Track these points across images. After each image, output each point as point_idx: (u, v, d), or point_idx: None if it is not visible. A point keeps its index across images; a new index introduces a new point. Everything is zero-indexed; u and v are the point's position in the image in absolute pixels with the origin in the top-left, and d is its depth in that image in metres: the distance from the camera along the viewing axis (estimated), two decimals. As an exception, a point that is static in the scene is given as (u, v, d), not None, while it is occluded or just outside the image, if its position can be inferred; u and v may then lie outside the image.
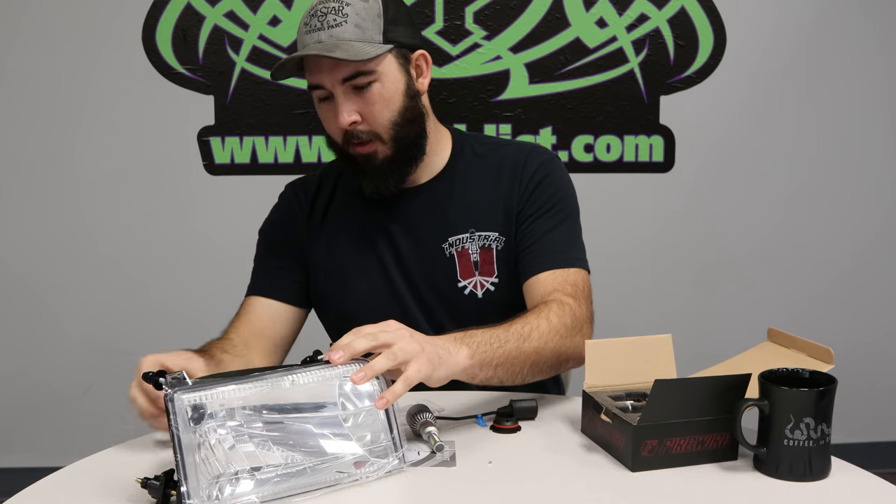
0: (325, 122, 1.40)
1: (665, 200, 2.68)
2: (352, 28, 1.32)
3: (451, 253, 1.44)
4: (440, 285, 1.45)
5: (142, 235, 2.62)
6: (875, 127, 2.70)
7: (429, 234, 1.45)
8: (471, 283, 1.44)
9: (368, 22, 1.33)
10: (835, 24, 2.63)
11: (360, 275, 1.47)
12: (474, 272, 1.44)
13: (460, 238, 1.44)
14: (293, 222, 1.51)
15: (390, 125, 1.36)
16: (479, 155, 1.49)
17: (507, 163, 1.47)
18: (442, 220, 1.45)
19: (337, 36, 1.32)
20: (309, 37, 1.34)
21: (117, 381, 2.64)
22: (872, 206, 2.74)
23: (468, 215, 1.45)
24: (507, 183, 1.45)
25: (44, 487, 1.07)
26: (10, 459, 2.69)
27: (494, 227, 1.44)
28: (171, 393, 0.97)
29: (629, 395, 1.20)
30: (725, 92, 2.63)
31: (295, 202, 1.53)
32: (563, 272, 1.40)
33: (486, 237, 1.44)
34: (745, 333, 1.60)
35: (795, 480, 1.06)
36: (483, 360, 1.17)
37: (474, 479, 1.08)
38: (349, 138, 1.36)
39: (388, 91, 1.36)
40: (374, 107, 1.35)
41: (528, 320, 1.26)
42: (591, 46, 2.58)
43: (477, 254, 1.44)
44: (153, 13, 2.50)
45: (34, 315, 2.65)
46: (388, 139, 1.37)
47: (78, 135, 2.56)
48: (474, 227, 1.44)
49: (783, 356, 1.25)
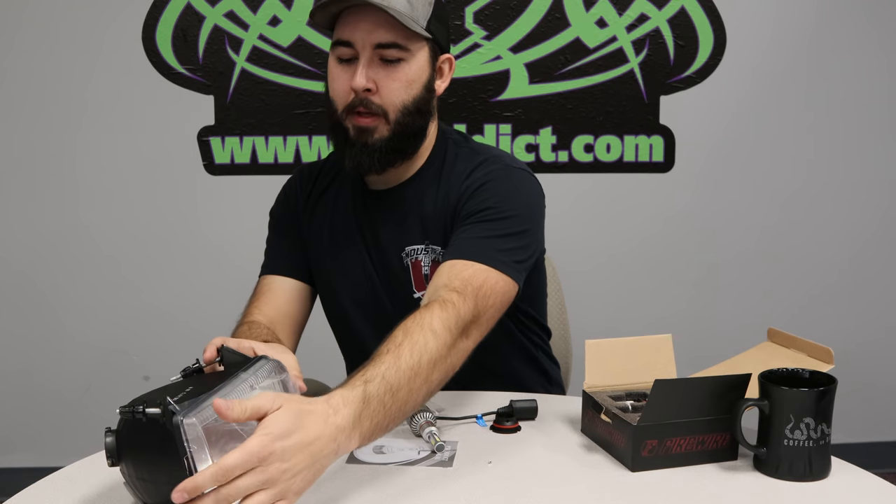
0: (336, 81, 1.33)
1: (665, 200, 2.68)
2: (403, 1, 1.28)
3: (406, 263, 1.42)
4: (399, 293, 1.43)
5: (142, 235, 2.62)
6: (874, 127, 2.70)
7: (390, 242, 1.42)
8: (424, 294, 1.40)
9: (420, 4, 1.30)
10: (835, 24, 2.63)
11: (341, 271, 1.46)
12: (425, 285, 1.41)
13: (415, 249, 1.41)
14: (296, 203, 1.51)
15: (401, 107, 1.33)
16: (447, 162, 1.43)
17: (456, 173, 1.40)
18: (402, 228, 1.42)
19: (388, 1, 1.27)
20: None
21: (117, 381, 2.67)
22: (872, 206, 2.74)
23: (424, 226, 1.41)
24: (453, 193, 1.39)
25: (44, 487, 1.07)
26: (10, 459, 2.69)
27: (442, 240, 1.40)
28: (181, 420, 0.88)
29: (629, 395, 1.20)
30: (725, 92, 2.63)
31: (300, 183, 1.53)
32: (462, 265, 1.25)
33: (435, 251, 1.40)
34: (745, 333, 1.60)
35: (795, 480, 1.06)
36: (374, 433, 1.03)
37: (474, 479, 1.08)
38: (355, 105, 1.31)
39: (412, 74, 1.32)
40: (394, 83, 1.31)
41: (413, 341, 1.10)
42: (591, 46, 2.58)
43: (428, 266, 1.41)
44: (153, 13, 2.50)
45: (34, 315, 2.65)
46: (393, 121, 1.33)
47: (78, 135, 2.56)
48: (429, 238, 1.41)
49: (783, 356, 1.25)
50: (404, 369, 1.06)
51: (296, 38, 2.53)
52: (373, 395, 1.01)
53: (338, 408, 0.97)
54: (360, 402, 1.00)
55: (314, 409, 0.95)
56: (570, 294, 1.81)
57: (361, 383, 1.02)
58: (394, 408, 1.04)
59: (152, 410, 0.91)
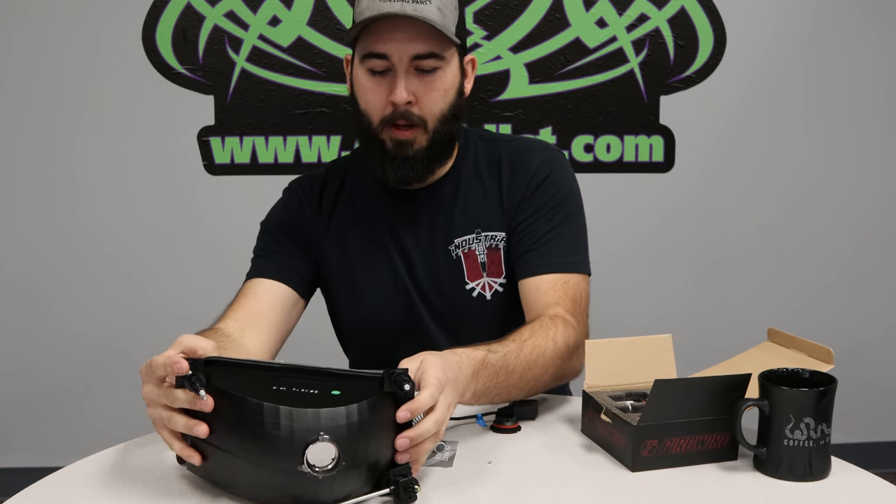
0: (370, 93, 1.32)
1: (665, 200, 2.68)
2: (435, 10, 1.27)
3: (457, 255, 1.42)
4: (448, 288, 1.42)
5: (142, 235, 2.62)
6: (874, 126, 2.70)
7: (434, 236, 1.42)
8: (479, 285, 1.42)
9: (449, 10, 1.30)
10: (835, 24, 2.63)
11: (370, 275, 1.45)
12: (482, 273, 1.42)
13: (466, 239, 1.42)
14: (299, 217, 1.47)
15: (440, 115, 1.33)
16: (481, 153, 1.46)
17: (506, 159, 1.44)
18: (447, 221, 1.42)
19: (423, 12, 1.26)
20: (389, 4, 1.25)
21: (117, 381, 2.67)
22: (872, 205, 2.75)
23: (473, 216, 1.42)
24: (507, 180, 1.42)
25: (44, 487, 1.07)
26: (10, 459, 2.69)
27: (499, 226, 1.42)
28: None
29: (629, 395, 1.20)
30: (725, 92, 2.63)
31: (302, 197, 1.49)
32: (563, 279, 1.36)
33: (492, 237, 1.42)
34: (745, 333, 1.60)
35: (795, 480, 1.06)
36: (483, 395, 1.18)
37: (474, 479, 1.08)
38: (395, 118, 1.31)
39: (448, 82, 1.32)
40: (433, 93, 1.31)
41: (536, 343, 1.23)
42: (591, 46, 2.58)
43: (484, 254, 1.42)
44: (153, 13, 2.50)
45: (34, 314, 2.65)
46: (432, 129, 1.33)
47: (78, 135, 2.56)
48: (480, 227, 1.42)
49: (783, 356, 1.25)
50: (523, 359, 1.21)
51: (296, 38, 2.53)
52: (491, 363, 1.16)
53: (462, 359, 1.12)
54: (479, 362, 1.14)
55: (446, 355, 1.10)
56: (570, 294, 1.81)
57: (485, 350, 1.16)
58: (505, 383, 1.18)
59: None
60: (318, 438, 0.94)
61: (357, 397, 0.97)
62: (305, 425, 0.94)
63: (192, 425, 0.98)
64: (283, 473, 0.94)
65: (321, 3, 2.52)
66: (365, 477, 0.98)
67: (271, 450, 0.94)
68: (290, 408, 0.94)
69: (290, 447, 0.93)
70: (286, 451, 0.93)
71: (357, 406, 0.96)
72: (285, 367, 1.01)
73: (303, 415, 0.94)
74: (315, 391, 0.99)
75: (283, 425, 0.93)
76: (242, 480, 0.98)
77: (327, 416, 0.95)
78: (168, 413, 1.00)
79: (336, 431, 0.94)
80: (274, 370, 1.01)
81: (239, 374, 1.00)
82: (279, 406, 0.94)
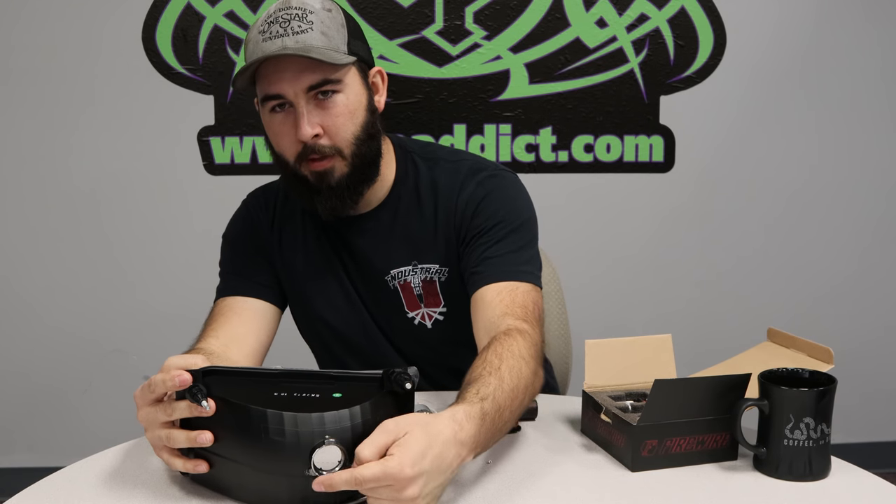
0: (279, 135, 1.29)
1: (665, 200, 2.68)
2: (318, 35, 1.24)
3: (394, 286, 1.40)
4: (390, 316, 1.41)
5: (142, 235, 2.62)
6: (875, 126, 2.70)
7: (373, 266, 1.40)
8: (418, 315, 1.41)
9: (334, 31, 1.26)
10: (835, 24, 2.63)
11: (321, 295, 1.43)
12: (419, 304, 1.40)
13: (402, 271, 1.39)
14: (257, 230, 1.45)
15: (353, 139, 1.29)
16: (422, 175, 1.40)
17: (443, 188, 1.38)
18: (385, 252, 1.39)
19: (304, 42, 1.23)
20: (270, 43, 1.23)
21: (117, 382, 2.66)
22: (872, 206, 2.74)
23: (410, 246, 1.38)
24: (443, 210, 1.38)
25: (44, 487, 1.07)
26: (10, 459, 2.69)
27: (435, 258, 1.38)
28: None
29: (629, 395, 1.20)
30: (725, 92, 2.63)
31: (256, 210, 1.46)
32: (510, 287, 1.30)
33: (427, 269, 1.39)
34: (745, 333, 1.60)
35: (795, 480, 1.06)
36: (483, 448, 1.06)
37: (474, 479, 1.08)
38: (306, 153, 1.27)
39: (352, 103, 1.28)
40: (338, 119, 1.27)
41: (511, 366, 1.13)
42: (591, 46, 2.58)
43: (419, 286, 1.39)
44: (153, 13, 2.50)
45: (34, 315, 2.65)
46: (349, 155, 1.29)
47: (78, 135, 2.56)
48: (416, 259, 1.39)
49: (783, 356, 1.25)
50: (507, 391, 1.10)
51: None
52: (487, 413, 1.05)
53: (462, 424, 1.00)
54: (479, 418, 1.02)
55: (443, 429, 0.97)
56: (569, 294, 1.81)
57: (479, 400, 1.05)
58: (497, 426, 1.07)
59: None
60: (323, 442, 0.94)
61: (358, 399, 0.98)
62: (310, 430, 0.94)
63: (195, 436, 0.98)
64: (289, 478, 0.94)
65: (321, 3, 2.52)
66: None
67: (278, 456, 0.94)
68: (294, 413, 0.94)
69: (297, 452, 0.93)
70: (292, 456, 0.94)
71: (360, 407, 0.96)
72: (284, 373, 1.01)
73: (307, 419, 0.94)
74: (316, 395, 0.99)
75: (288, 431, 0.94)
76: (249, 487, 0.98)
77: (331, 420, 0.95)
78: (166, 432, 1.00)
79: (341, 434, 0.95)
80: (273, 376, 1.01)
81: (238, 382, 1.00)
82: (283, 412, 0.94)
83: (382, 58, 2.53)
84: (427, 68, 2.56)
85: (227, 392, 0.98)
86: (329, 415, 0.95)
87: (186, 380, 0.97)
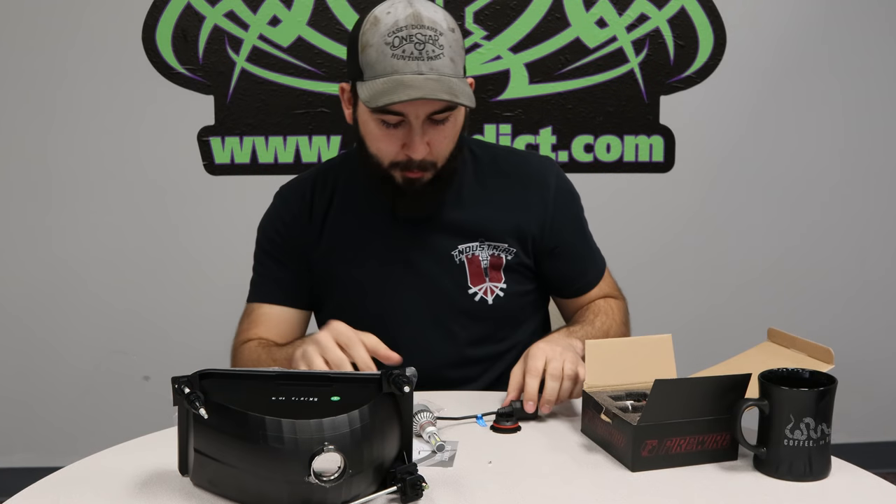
0: (380, 141, 1.33)
1: (665, 200, 2.68)
2: (448, 62, 1.27)
3: (461, 260, 1.43)
4: (451, 291, 1.43)
5: (142, 235, 2.61)
6: (875, 126, 2.70)
7: (439, 241, 1.43)
8: (481, 290, 1.44)
9: (458, 55, 1.30)
10: (835, 24, 2.63)
11: (367, 280, 1.45)
12: (484, 278, 1.44)
13: (470, 246, 1.43)
14: (292, 225, 1.48)
15: (448, 155, 1.35)
16: (481, 160, 1.47)
17: (512, 173, 1.46)
18: (452, 232, 1.43)
19: (437, 70, 1.26)
20: (404, 64, 1.25)
21: (117, 382, 2.66)
22: (872, 205, 2.74)
23: (476, 227, 1.43)
24: (518, 195, 1.45)
25: (44, 487, 1.07)
26: (10, 459, 2.69)
27: (504, 238, 1.44)
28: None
29: (629, 395, 1.20)
30: (725, 92, 2.63)
31: (293, 205, 1.49)
32: (602, 281, 1.56)
33: (495, 247, 1.44)
34: (745, 333, 1.60)
35: (795, 480, 1.06)
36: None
37: (474, 479, 1.08)
38: (407, 164, 1.32)
39: (458, 125, 1.35)
40: (445, 140, 1.33)
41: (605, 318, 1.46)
42: (591, 46, 2.58)
43: (487, 260, 1.44)
44: (153, 13, 2.50)
45: (34, 315, 2.64)
46: (441, 167, 1.35)
47: (78, 135, 2.56)
48: (483, 236, 1.44)
49: (783, 356, 1.25)
50: (596, 332, 1.42)
51: (296, 38, 2.53)
52: (572, 331, 1.40)
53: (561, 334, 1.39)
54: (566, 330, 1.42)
55: (547, 338, 1.36)
56: (570, 294, 1.80)
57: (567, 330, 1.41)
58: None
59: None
60: (322, 449, 0.93)
61: (357, 401, 0.97)
62: (309, 436, 0.93)
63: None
64: (289, 484, 0.94)
65: (321, 3, 2.51)
66: (371, 478, 0.98)
67: (277, 463, 0.94)
68: (292, 420, 0.94)
69: (296, 459, 0.93)
70: (292, 463, 0.93)
71: (359, 412, 0.96)
72: (282, 374, 1.01)
73: (306, 426, 0.94)
74: (315, 398, 0.99)
75: (287, 438, 0.93)
76: (249, 492, 0.97)
77: (330, 426, 0.94)
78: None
79: (340, 440, 0.94)
80: (271, 378, 1.00)
81: (236, 385, 1.00)
82: (281, 419, 0.94)
83: (382, 58, 2.53)
84: (427, 68, 2.55)
85: (226, 397, 0.97)
86: (327, 421, 0.94)
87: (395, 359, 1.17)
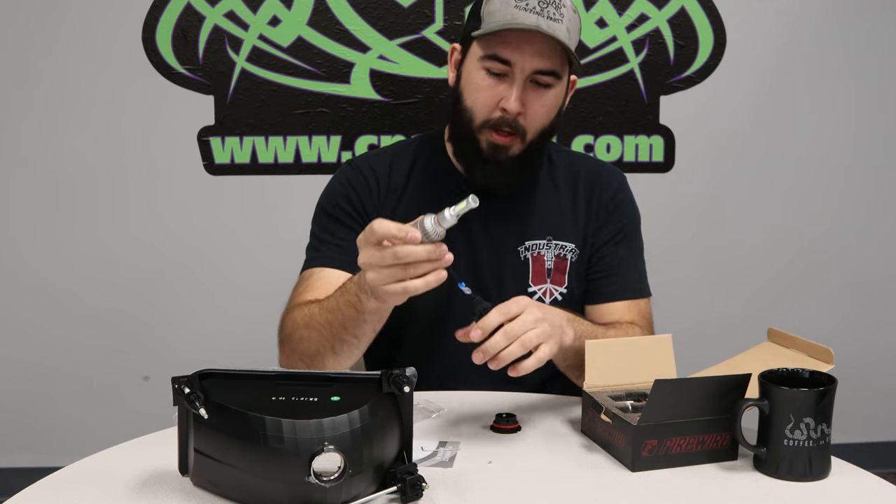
0: (480, 91, 1.33)
1: (665, 200, 2.68)
2: (565, 30, 1.29)
3: (525, 257, 1.43)
4: (510, 287, 1.42)
5: (142, 235, 2.61)
6: (875, 126, 2.70)
7: (506, 236, 1.43)
8: (541, 290, 1.44)
9: (574, 32, 1.32)
10: (835, 23, 2.63)
11: None
12: (546, 279, 1.44)
13: (537, 244, 1.44)
14: (364, 195, 1.44)
15: (540, 130, 1.35)
16: (558, 163, 1.48)
17: (584, 176, 1.48)
18: (520, 223, 1.44)
19: (555, 30, 1.27)
20: (525, 15, 1.26)
21: (118, 381, 2.66)
22: (872, 205, 2.74)
23: (546, 222, 1.44)
24: (584, 197, 1.46)
25: (44, 487, 1.07)
26: (10, 459, 2.69)
27: (571, 238, 1.45)
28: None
29: (629, 395, 1.20)
30: (725, 92, 2.63)
31: (369, 175, 1.45)
32: (635, 303, 1.48)
33: (562, 247, 1.44)
34: (745, 333, 1.60)
35: (795, 480, 1.06)
36: (576, 341, 1.23)
37: (474, 479, 1.08)
38: (501, 124, 1.33)
39: (556, 101, 1.35)
40: (542, 108, 1.33)
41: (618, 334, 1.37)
42: (591, 46, 2.58)
43: (552, 261, 1.44)
44: (153, 13, 2.50)
45: (34, 314, 2.64)
46: (529, 141, 1.35)
47: (77, 135, 2.56)
48: (551, 235, 1.44)
49: (783, 356, 1.26)
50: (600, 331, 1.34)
51: (296, 38, 2.53)
52: (574, 319, 1.27)
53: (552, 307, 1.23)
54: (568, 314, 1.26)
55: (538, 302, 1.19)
56: (570, 294, 1.80)
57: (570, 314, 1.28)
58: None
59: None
60: (322, 449, 0.93)
61: (357, 401, 0.97)
62: (309, 436, 0.93)
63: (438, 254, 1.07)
64: (289, 484, 0.94)
65: (321, 3, 2.51)
66: (371, 478, 0.98)
67: (277, 463, 0.94)
68: (292, 420, 0.94)
69: (296, 459, 0.93)
70: (291, 463, 0.93)
71: (358, 412, 0.96)
72: (282, 374, 1.01)
73: (305, 426, 0.94)
74: (315, 399, 0.99)
75: (287, 438, 0.93)
76: (249, 492, 0.97)
77: (330, 426, 0.94)
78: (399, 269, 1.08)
79: (340, 440, 0.94)
80: (271, 378, 1.00)
81: (236, 385, 1.00)
82: (281, 419, 0.94)
83: (382, 58, 2.53)
84: (427, 68, 2.55)
85: (226, 397, 0.97)
86: (327, 421, 0.94)
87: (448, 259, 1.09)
